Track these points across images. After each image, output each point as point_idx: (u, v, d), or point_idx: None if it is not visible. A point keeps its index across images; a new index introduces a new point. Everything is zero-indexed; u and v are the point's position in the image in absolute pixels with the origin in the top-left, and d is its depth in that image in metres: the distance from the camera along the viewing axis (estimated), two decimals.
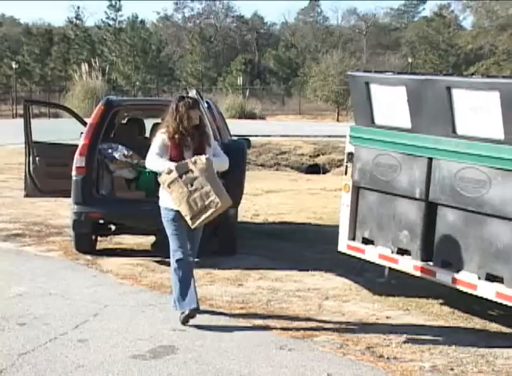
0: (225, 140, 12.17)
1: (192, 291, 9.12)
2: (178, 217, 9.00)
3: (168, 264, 11.79)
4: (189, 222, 8.71)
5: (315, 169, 26.85)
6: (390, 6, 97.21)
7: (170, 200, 8.93)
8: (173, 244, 9.36)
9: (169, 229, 9.29)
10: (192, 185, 8.60)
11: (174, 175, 8.63)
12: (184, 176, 8.64)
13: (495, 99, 8.69)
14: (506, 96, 8.55)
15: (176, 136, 9.01)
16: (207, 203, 8.64)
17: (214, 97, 35.98)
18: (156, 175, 12.68)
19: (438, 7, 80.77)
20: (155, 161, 9.01)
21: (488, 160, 8.82)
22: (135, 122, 14.61)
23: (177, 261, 9.31)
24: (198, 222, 8.70)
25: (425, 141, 9.61)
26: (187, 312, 8.93)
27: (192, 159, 8.73)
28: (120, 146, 13.07)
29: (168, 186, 8.71)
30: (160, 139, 9.10)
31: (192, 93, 11.94)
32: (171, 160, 8.90)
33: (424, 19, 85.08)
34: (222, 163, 9.52)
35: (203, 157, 8.73)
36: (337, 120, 55.01)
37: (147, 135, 14.42)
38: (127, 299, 10.02)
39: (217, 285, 10.88)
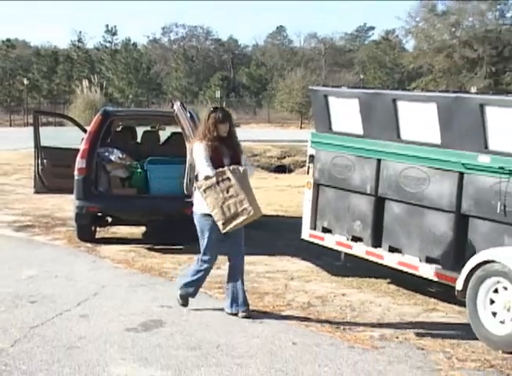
0: None
1: (243, 293, 8.66)
2: (215, 223, 8.36)
3: (157, 250, 12.03)
4: (221, 227, 8.25)
5: (281, 169, 26.84)
6: (345, 31, 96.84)
7: (206, 206, 8.39)
8: (206, 248, 8.64)
9: (205, 234, 8.58)
10: (227, 192, 8.20)
11: (212, 181, 8.26)
12: (221, 183, 8.25)
13: (432, 109, 8.86)
14: (442, 107, 8.75)
15: (213, 144, 8.55)
16: (239, 210, 8.19)
17: (196, 108, 35.80)
18: (146, 174, 12.92)
19: (385, 32, 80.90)
20: (207, 167, 8.40)
21: (428, 161, 8.97)
22: (128, 129, 14.64)
23: (205, 262, 8.72)
24: (229, 227, 8.22)
25: (375, 145, 9.72)
26: (238, 311, 8.58)
27: (231, 167, 8.32)
28: (115, 150, 13.14)
29: (204, 191, 8.31)
30: (201, 147, 8.59)
31: (177, 105, 12.08)
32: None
33: (373, 43, 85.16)
34: (252, 172, 9.17)
35: (241, 167, 8.36)
36: (301, 127, 54.82)
37: (138, 140, 14.61)
38: (121, 280, 10.07)
39: None
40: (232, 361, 7.09)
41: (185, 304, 8.82)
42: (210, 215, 8.34)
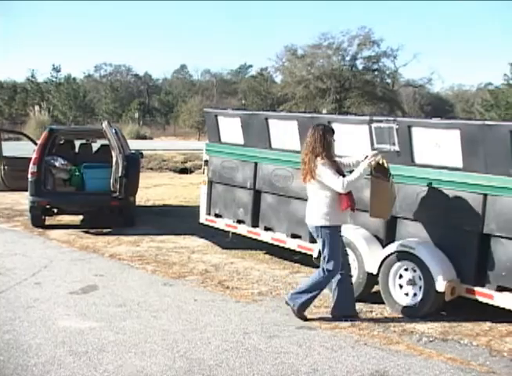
0: (126, 152, 12.18)
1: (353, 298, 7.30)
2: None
3: (91, 233, 11.82)
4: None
5: (185, 171, 26.72)
6: (231, 68, 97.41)
7: (340, 218, 6.97)
8: (337, 258, 6.92)
9: (336, 244, 6.93)
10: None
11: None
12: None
13: (294, 125, 8.94)
14: (301, 124, 8.84)
15: (333, 160, 6.97)
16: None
17: (120, 125, 35.45)
18: (82, 176, 12.75)
19: (260, 69, 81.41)
20: (341, 180, 6.74)
21: (291, 164, 9.05)
22: (69, 142, 14.39)
23: (341, 274, 7.03)
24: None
25: (252, 152, 9.76)
26: (354, 313, 7.18)
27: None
28: (59, 158, 13.01)
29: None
30: (327, 166, 6.81)
31: (105, 123, 11.94)
32: None
33: (252, 77, 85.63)
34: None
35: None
36: (198, 139, 54.59)
37: (76, 150, 14.40)
38: (65, 256, 9.90)
39: (123, 246, 10.81)
40: (150, 314, 7.07)
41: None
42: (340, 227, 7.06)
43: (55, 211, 12.79)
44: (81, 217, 13.60)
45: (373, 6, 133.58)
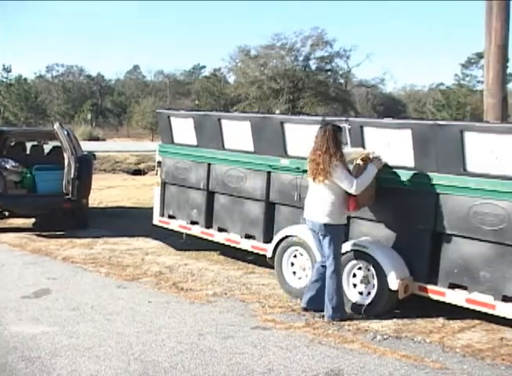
0: (79, 154, 12.06)
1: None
2: None
3: (43, 236, 11.68)
4: None
5: (138, 172, 26.60)
6: (184, 68, 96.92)
7: (344, 218, 7.19)
8: (340, 256, 7.11)
9: (340, 243, 7.14)
10: None
11: None
12: None
13: (247, 125, 8.97)
14: (254, 124, 8.90)
15: (344, 159, 7.03)
16: None
17: (72, 127, 35.01)
18: (34, 178, 12.57)
19: (214, 70, 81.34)
20: (354, 182, 6.87)
21: (245, 164, 9.10)
22: (20, 144, 14.21)
23: (337, 267, 7.08)
24: None
25: (206, 153, 9.75)
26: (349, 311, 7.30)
27: None
28: (10, 160, 12.82)
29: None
30: (341, 167, 6.86)
31: (57, 125, 11.80)
32: None
33: (205, 77, 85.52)
34: None
35: None
36: (152, 140, 54.26)
37: (28, 152, 14.21)
38: (17, 260, 9.76)
39: (76, 248, 10.69)
40: (103, 317, 7.02)
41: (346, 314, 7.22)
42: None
43: (7, 214, 12.60)
44: (33, 220, 13.43)
45: (326, 7, 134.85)
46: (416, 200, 7.12)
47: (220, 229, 9.69)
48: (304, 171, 8.15)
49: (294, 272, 8.16)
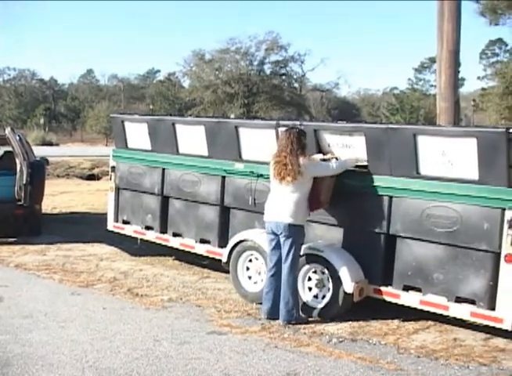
0: (31, 159, 11.88)
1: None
2: None
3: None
4: None
5: (92, 177, 26.41)
6: (138, 73, 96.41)
7: (306, 218, 7.29)
8: (298, 257, 7.19)
9: (300, 246, 7.20)
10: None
11: None
12: None
13: (202, 130, 8.95)
14: (208, 129, 8.87)
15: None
16: None
17: (25, 132, 34.54)
18: None
19: (168, 74, 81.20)
20: (328, 163, 7.16)
21: (199, 169, 9.09)
22: None
23: (296, 269, 7.19)
24: None
25: (160, 157, 9.71)
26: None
27: None
28: None
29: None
30: (310, 161, 7.09)
31: (8, 130, 11.63)
32: None
33: (160, 82, 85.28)
34: None
35: None
36: (106, 145, 53.97)
37: None
38: None
39: (29, 255, 10.52)
40: (57, 325, 6.94)
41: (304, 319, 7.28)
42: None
43: None
44: None
45: (281, 11, 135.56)
46: (370, 203, 7.20)
47: (175, 234, 9.65)
48: (259, 176, 8.21)
49: (250, 277, 8.17)
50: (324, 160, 7.32)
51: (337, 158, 7.30)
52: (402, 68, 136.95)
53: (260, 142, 8.24)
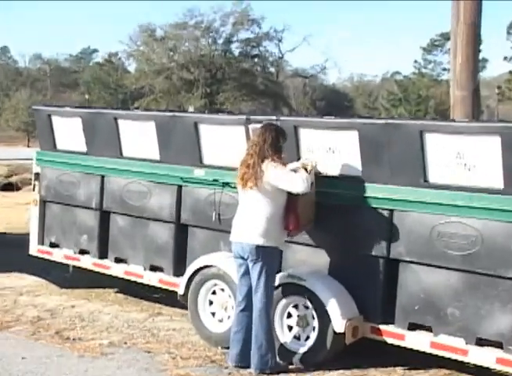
0: None
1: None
2: None
3: None
4: None
5: (9, 187, 26.31)
6: (69, 53, 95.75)
7: (282, 238, 7.24)
8: (272, 288, 7.15)
9: (274, 270, 7.18)
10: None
11: None
12: None
13: (151, 127, 8.97)
14: (160, 125, 8.89)
15: (284, 163, 7.10)
16: None
17: None
18: None
19: (108, 55, 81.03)
20: (299, 175, 6.93)
21: (148, 176, 9.09)
22: None
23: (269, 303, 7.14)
24: None
25: (98, 162, 9.70)
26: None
27: None
28: None
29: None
30: (280, 167, 6.96)
31: None
32: None
33: (97, 64, 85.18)
34: None
35: None
36: (28, 146, 53.91)
37: None
38: None
39: None
40: None
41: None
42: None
43: None
44: None
45: None
46: (365, 219, 7.21)
47: (118, 260, 9.64)
48: (225, 185, 8.21)
49: (213, 313, 8.16)
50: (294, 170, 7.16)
51: (306, 169, 7.08)
52: (407, 47, 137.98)
53: (226, 142, 8.25)
